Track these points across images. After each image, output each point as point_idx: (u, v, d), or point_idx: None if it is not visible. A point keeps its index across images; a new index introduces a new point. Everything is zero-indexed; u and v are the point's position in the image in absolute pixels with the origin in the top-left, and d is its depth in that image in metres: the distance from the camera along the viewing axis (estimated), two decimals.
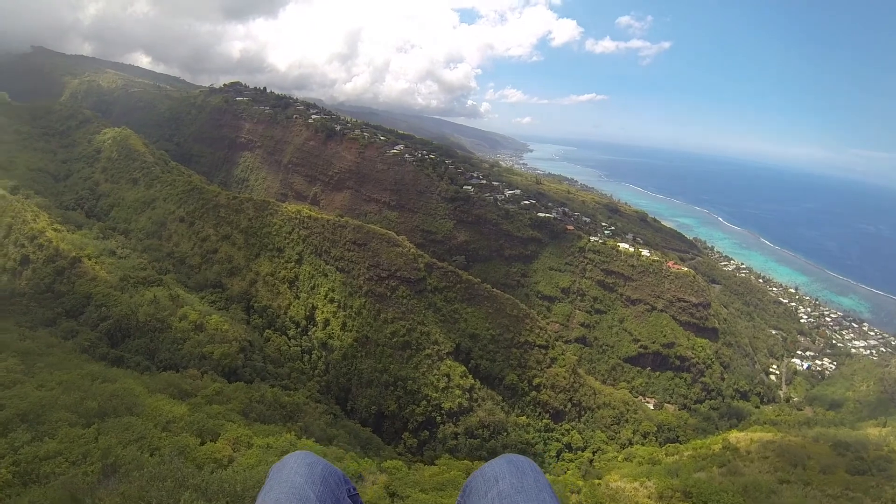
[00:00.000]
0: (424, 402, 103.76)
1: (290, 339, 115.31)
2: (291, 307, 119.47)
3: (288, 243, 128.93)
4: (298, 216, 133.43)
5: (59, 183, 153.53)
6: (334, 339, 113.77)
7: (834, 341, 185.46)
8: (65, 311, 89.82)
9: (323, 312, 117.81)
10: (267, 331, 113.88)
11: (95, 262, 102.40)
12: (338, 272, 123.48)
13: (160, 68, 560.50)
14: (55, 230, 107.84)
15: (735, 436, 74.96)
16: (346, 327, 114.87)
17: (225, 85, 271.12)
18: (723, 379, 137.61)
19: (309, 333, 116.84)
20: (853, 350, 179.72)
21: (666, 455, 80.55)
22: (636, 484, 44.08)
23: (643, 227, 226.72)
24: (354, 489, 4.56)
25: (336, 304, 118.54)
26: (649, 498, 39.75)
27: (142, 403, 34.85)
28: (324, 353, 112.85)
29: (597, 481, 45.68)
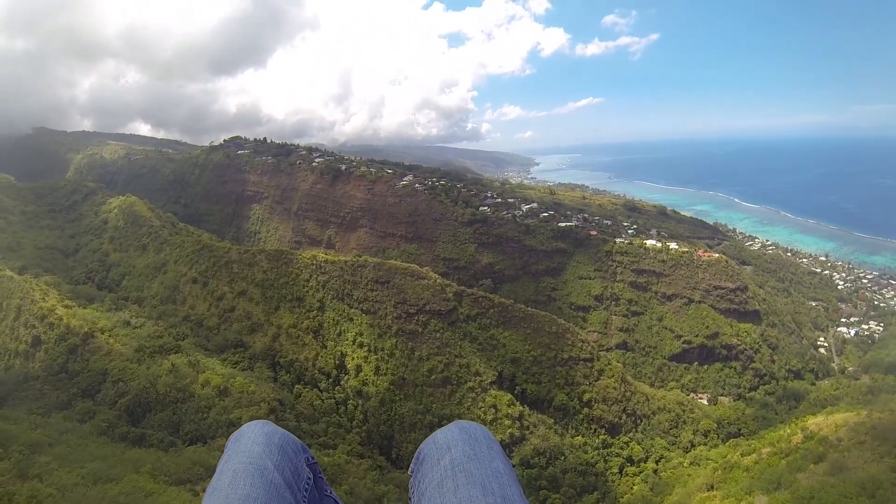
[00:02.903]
0: None
1: (322, 391, 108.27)
2: (319, 358, 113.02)
3: (307, 291, 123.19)
4: (314, 261, 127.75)
5: (68, 258, 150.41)
6: (369, 386, 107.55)
7: (875, 302, 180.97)
8: (80, 391, 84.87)
9: (353, 359, 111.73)
10: (297, 386, 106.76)
11: (109, 336, 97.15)
12: (363, 314, 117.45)
13: (161, 134, 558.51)
14: (65, 307, 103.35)
15: (813, 422, 69.19)
16: (379, 371, 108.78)
17: (225, 141, 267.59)
18: (773, 361, 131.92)
19: (342, 383, 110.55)
20: None
21: (741, 455, 74.83)
22: None
23: (664, 220, 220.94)
24: (313, 458, 4.57)
25: (366, 349, 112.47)
26: None
27: None
28: (360, 402, 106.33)
29: None
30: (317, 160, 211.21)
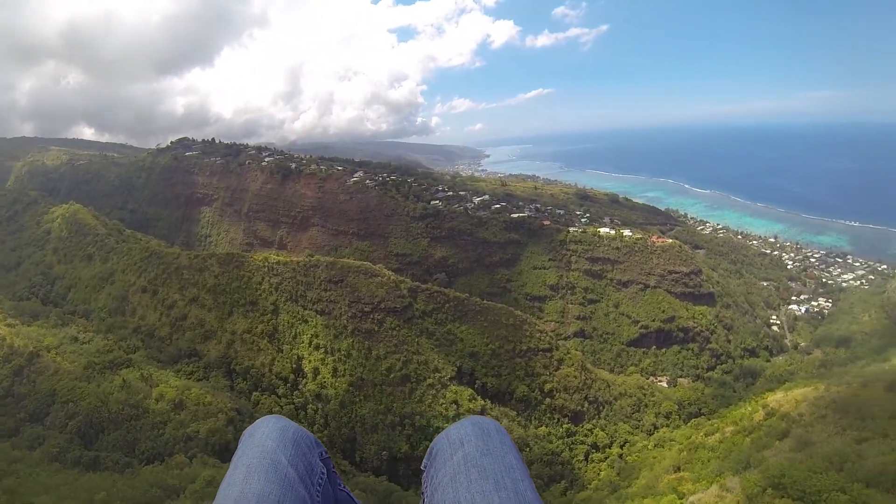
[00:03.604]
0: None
1: (280, 397, 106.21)
2: (276, 362, 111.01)
3: (260, 294, 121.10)
4: (266, 263, 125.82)
5: (10, 273, 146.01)
6: (328, 388, 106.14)
7: (824, 280, 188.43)
8: (28, 415, 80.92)
9: (310, 362, 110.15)
10: (254, 393, 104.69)
11: (56, 354, 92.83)
12: (318, 315, 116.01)
13: (105, 138, 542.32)
14: (8, 325, 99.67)
15: (773, 398, 71.32)
16: (337, 373, 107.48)
17: (172, 142, 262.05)
18: (729, 341, 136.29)
19: (300, 387, 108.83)
20: (844, 284, 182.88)
21: (705, 435, 76.29)
22: (715, 489, 38.61)
23: (616, 208, 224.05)
24: (326, 453, 4.57)
25: (323, 350, 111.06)
26: None
27: None
28: (320, 406, 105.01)
29: (678, 500, 39.78)
30: (266, 159, 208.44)
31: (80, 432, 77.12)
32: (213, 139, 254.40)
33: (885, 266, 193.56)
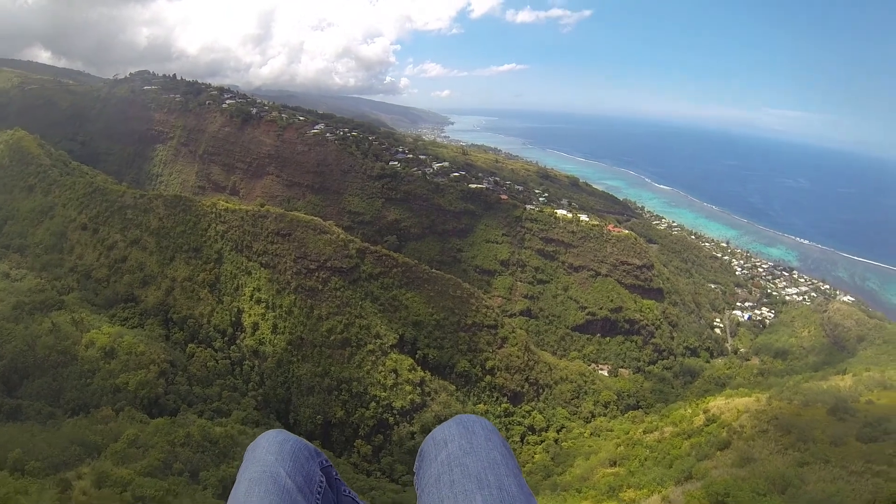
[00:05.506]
0: (374, 404, 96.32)
1: (216, 351, 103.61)
2: (215, 314, 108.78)
3: (205, 241, 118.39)
4: (214, 209, 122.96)
5: None
6: (266, 345, 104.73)
7: (769, 290, 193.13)
8: None
9: (250, 315, 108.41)
10: (190, 345, 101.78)
11: None
12: (262, 268, 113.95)
13: (62, 63, 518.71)
14: None
15: (714, 404, 71.75)
16: (277, 330, 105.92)
17: (131, 74, 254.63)
18: (672, 338, 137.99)
19: (237, 342, 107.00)
20: (787, 298, 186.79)
21: (644, 433, 76.62)
22: (657, 499, 38.65)
23: (576, 191, 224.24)
24: (327, 461, 4.62)
25: (264, 305, 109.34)
26: None
27: None
28: (256, 363, 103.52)
29: None
30: (227, 101, 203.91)
31: (3, 377, 73.97)
32: (174, 75, 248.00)
33: (827, 286, 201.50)
